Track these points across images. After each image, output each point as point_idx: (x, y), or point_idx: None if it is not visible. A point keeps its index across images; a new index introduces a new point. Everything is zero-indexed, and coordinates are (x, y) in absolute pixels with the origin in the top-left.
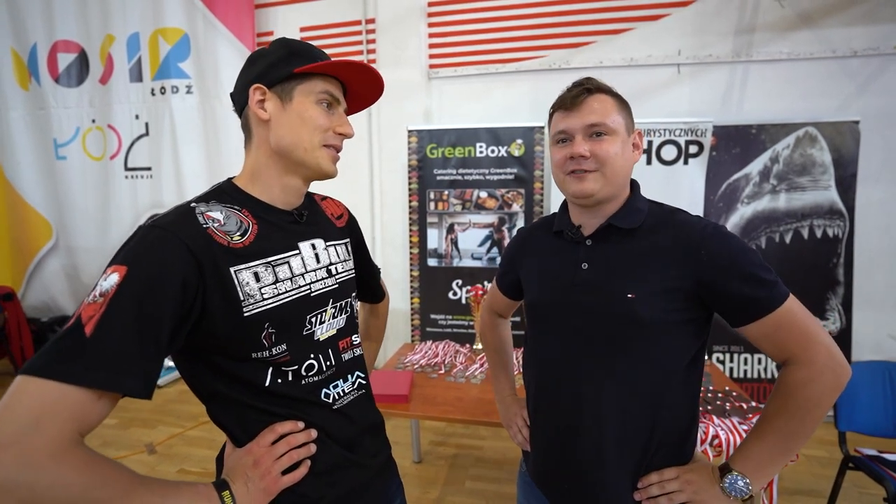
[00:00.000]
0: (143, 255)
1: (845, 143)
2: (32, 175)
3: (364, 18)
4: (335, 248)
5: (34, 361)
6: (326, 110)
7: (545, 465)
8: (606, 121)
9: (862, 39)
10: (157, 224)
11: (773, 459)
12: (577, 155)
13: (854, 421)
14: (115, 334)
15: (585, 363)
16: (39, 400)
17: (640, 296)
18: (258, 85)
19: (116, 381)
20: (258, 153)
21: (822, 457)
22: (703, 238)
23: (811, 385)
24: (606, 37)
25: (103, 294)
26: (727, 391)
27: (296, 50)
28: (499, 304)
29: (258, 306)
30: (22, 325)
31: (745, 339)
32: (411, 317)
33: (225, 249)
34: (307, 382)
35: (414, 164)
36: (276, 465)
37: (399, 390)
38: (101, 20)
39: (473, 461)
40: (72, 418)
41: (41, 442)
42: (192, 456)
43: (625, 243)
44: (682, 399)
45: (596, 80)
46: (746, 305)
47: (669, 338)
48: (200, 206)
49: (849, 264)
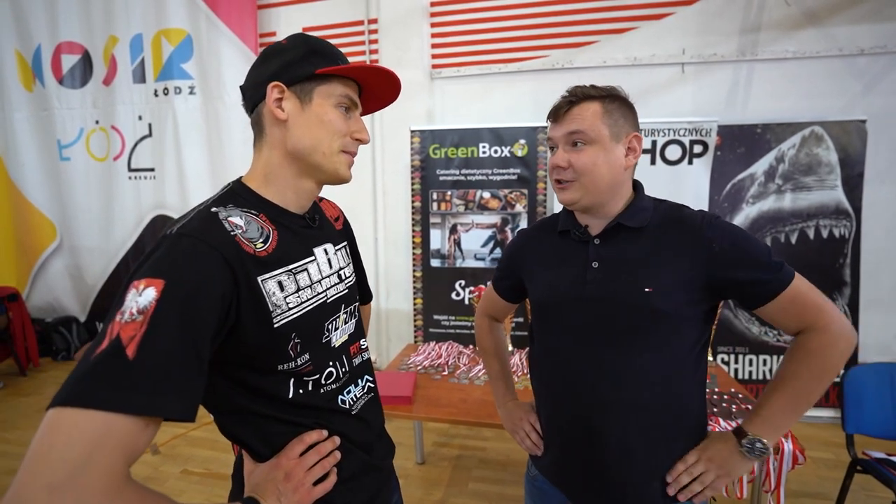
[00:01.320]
0: (178, 266)
1: (852, 142)
2: (36, 176)
3: (366, 19)
4: (340, 253)
5: (72, 390)
6: (345, 114)
7: (567, 463)
8: (586, 129)
9: (869, 38)
10: (186, 232)
11: (787, 419)
12: (556, 165)
13: (862, 423)
14: (160, 356)
15: (601, 358)
16: (88, 434)
17: (657, 289)
18: (277, 83)
19: (166, 405)
20: (272, 154)
21: (828, 459)
22: (710, 230)
23: (829, 349)
24: (610, 36)
25: (142, 311)
26: (733, 393)
27: (316, 48)
28: (496, 308)
29: (285, 316)
30: (26, 326)
31: (749, 339)
32: (414, 317)
33: (252, 258)
34: (326, 391)
35: (417, 164)
36: (308, 476)
37: (402, 391)
38: (105, 21)
39: (477, 462)
40: (121, 450)
41: (94, 481)
42: (195, 456)
43: (634, 241)
44: (693, 385)
45: (585, 88)
46: (760, 288)
47: (684, 327)
48: (222, 212)
49: (855, 265)
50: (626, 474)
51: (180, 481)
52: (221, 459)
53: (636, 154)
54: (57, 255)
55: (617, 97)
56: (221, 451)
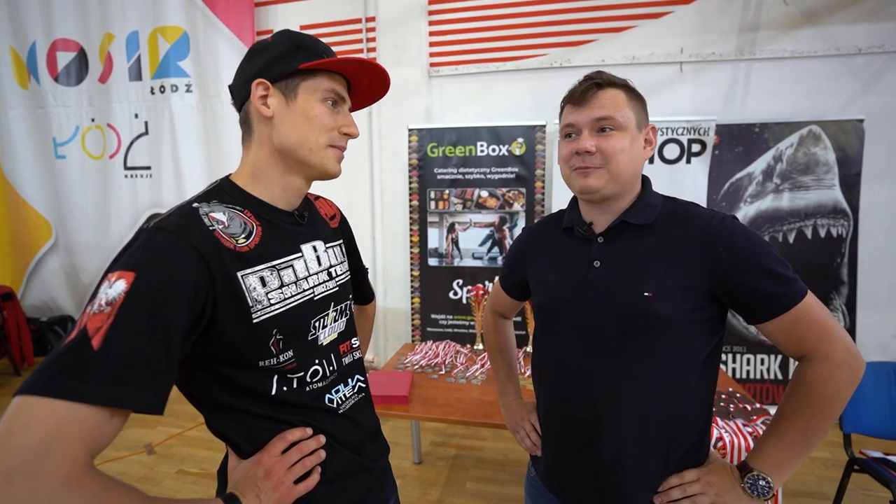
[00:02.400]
0: (151, 259)
1: (849, 141)
2: (32, 174)
3: (364, 17)
4: (333, 250)
5: (36, 379)
6: (332, 109)
7: (560, 468)
8: (615, 115)
9: (867, 37)
10: (163, 226)
11: (793, 457)
12: (583, 150)
13: (859, 422)
14: (125, 347)
15: (600, 363)
16: (47, 422)
17: (657, 293)
18: (261, 80)
19: (129, 397)
20: (259, 151)
21: (825, 458)
22: (720, 233)
23: (830, 380)
24: (608, 35)
25: (110, 303)
26: (731, 392)
27: (301, 44)
28: (502, 305)
29: (266, 312)
30: (21, 325)
31: (747, 339)
32: (411, 317)
33: (231, 253)
34: (312, 389)
35: (414, 163)
36: (289, 474)
37: (399, 391)
38: (101, 19)
39: (474, 462)
40: (82, 440)
41: (52, 469)
42: (190, 456)
43: (638, 240)
44: (698, 397)
45: (608, 74)
46: (765, 302)
47: (686, 335)
48: (203, 207)
49: (853, 264)
50: (620, 483)
51: (175, 481)
52: (217, 459)
53: (652, 147)
54: (52, 254)
55: (634, 88)
56: (217, 451)
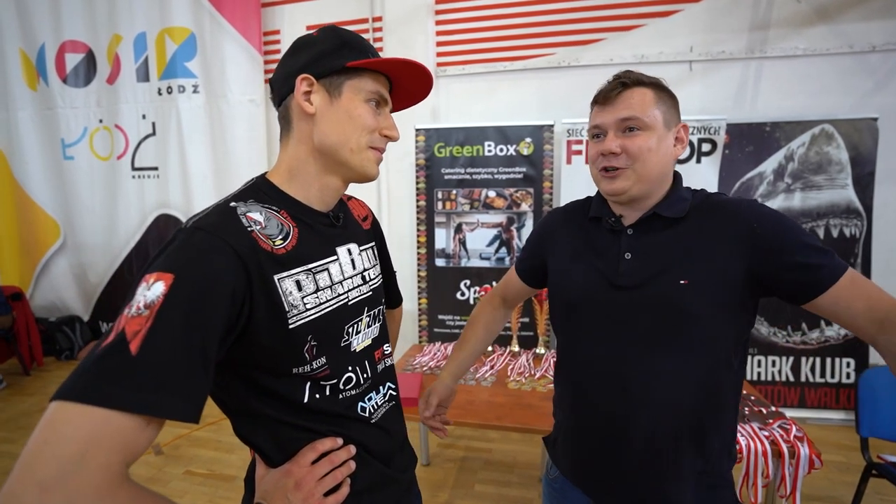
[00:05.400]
0: (190, 261)
1: (863, 140)
2: (40, 175)
3: (371, 16)
4: (366, 253)
5: (73, 385)
6: (374, 110)
7: (592, 465)
8: (641, 115)
9: (880, 34)
10: (201, 226)
11: None
12: (608, 151)
13: (876, 426)
14: (164, 353)
15: (633, 355)
16: (83, 430)
17: (692, 282)
18: (306, 75)
19: (167, 405)
20: (298, 149)
21: (839, 462)
22: (752, 212)
23: None
24: (616, 33)
25: (148, 306)
26: (745, 395)
27: (348, 41)
28: (511, 290)
29: (302, 317)
30: (30, 325)
31: (759, 340)
32: (419, 317)
33: (268, 255)
34: (345, 396)
35: (421, 163)
36: (319, 486)
37: (408, 393)
38: (109, 20)
39: (482, 464)
40: (119, 449)
41: (87, 479)
42: (198, 457)
43: (670, 232)
44: (730, 388)
45: (636, 73)
46: (813, 274)
47: (722, 325)
48: (241, 206)
49: (866, 265)
50: (656, 478)
51: (183, 482)
52: (225, 460)
53: (684, 144)
54: (61, 254)
55: (664, 86)
56: (225, 452)
